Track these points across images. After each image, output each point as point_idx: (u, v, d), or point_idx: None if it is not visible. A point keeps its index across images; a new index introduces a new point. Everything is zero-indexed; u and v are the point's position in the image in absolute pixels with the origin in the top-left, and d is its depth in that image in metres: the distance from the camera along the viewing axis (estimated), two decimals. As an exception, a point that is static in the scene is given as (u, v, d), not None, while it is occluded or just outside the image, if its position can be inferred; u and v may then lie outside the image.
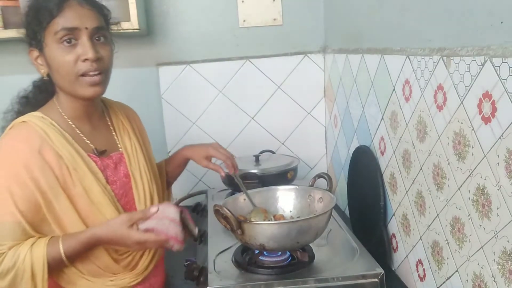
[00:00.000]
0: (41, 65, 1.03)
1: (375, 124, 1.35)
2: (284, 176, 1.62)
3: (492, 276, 0.82)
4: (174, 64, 1.86)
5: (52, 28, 0.97)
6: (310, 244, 1.18)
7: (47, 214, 0.98)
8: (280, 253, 1.15)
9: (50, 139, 1.00)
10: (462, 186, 0.90)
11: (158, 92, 1.87)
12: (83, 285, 1.04)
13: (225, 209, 1.06)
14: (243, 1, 1.83)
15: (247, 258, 1.16)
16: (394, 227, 1.27)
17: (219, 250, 1.22)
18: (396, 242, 1.27)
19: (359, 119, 1.50)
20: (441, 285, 1.03)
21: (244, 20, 1.85)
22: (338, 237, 1.29)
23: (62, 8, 0.97)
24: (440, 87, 0.95)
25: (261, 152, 1.78)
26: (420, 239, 1.11)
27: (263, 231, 1.07)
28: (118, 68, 1.13)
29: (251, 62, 1.88)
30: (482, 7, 0.80)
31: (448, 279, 0.99)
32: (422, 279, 1.12)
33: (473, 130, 0.84)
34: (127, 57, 1.76)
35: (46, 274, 0.95)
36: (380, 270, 1.08)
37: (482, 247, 0.85)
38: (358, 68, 1.47)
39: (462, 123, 0.88)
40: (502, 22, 0.75)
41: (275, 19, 1.86)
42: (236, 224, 1.07)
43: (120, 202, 1.08)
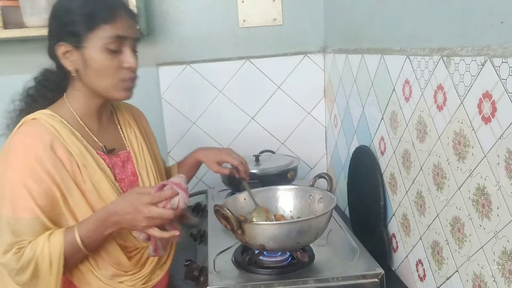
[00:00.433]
0: (71, 61, 1.03)
1: (375, 124, 1.35)
2: (284, 176, 1.63)
3: (492, 276, 0.82)
4: (174, 64, 1.86)
5: (101, 32, 1.00)
6: (310, 244, 1.18)
7: (64, 208, 1.00)
8: (280, 253, 1.15)
9: (61, 136, 1.01)
10: (462, 186, 0.90)
11: (158, 92, 1.87)
12: (97, 285, 1.04)
13: (225, 209, 1.07)
14: (243, 1, 1.83)
15: (247, 258, 1.16)
16: (394, 227, 1.27)
17: (219, 250, 1.22)
18: (396, 242, 1.27)
19: (359, 119, 1.50)
20: (441, 285, 1.03)
21: (244, 20, 1.85)
22: (338, 237, 1.29)
23: (115, 15, 1.02)
24: (440, 87, 0.95)
25: (261, 152, 1.78)
26: (420, 239, 1.11)
27: (263, 231, 1.07)
28: (118, 68, 1.13)
29: (251, 62, 1.88)
30: (482, 7, 0.80)
31: (448, 279, 0.99)
32: (422, 279, 1.12)
33: (473, 130, 0.84)
34: (127, 57, 1.76)
35: (62, 261, 0.96)
36: (380, 270, 1.08)
37: (482, 247, 0.85)
38: (358, 68, 1.47)
39: (462, 123, 0.88)
40: (502, 22, 0.75)
41: (275, 19, 1.86)
42: (236, 224, 1.07)
43: None
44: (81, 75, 1.04)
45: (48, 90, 1.10)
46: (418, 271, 1.15)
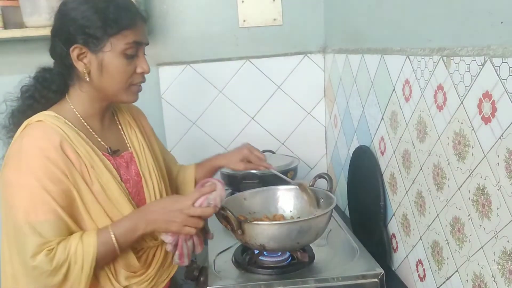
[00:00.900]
0: (84, 63, 1.03)
1: (375, 124, 1.35)
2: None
3: (492, 276, 0.82)
4: (174, 64, 1.86)
5: (121, 38, 1.01)
6: (310, 244, 1.18)
7: (81, 208, 1.00)
8: (280, 253, 1.16)
9: (68, 137, 1.01)
10: (462, 186, 0.90)
11: (158, 92, 1.87)
12: None
13: (225, 209, 1.07)
14: (243, 1, 1.83)
15: (247, 258, 1.16)
16: (394, 227, 1.27)
17: (219, 250, 1.22)
18: (396, 242, 1.27)
19: (359, 119, 1.50)
20: (441, 285, 1.03)
21: (244, 20, 1.85)
22: (338, 237, 1.30)
23: (135, 22, 1.04)
24: (440, 87, 0.95)
25: (261, 152, 1.77)
26: (420, 239, 1.11)
27: (263, 231, 1.07)
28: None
29: (251, 62, 1.88)
30: (482, 7, 0.80)
31: (448, 279, 0.99)
32: (422, 279, 1.12)
33: (473, 130, 0.84)
34: (127, 57, 1.76)
35: (94, 262, 0.96)
36: (380, 270, 1.08)
37: (482, 247, 0.85)
38: (358, 68, 1.47)
39: (462, 123, 0.88)
40: (502, 22, 0.75)
41: (275, 19, 1.86)
42: (237, 224, 1.07)
43: (134, 200, 1.09)
44: (92, 78, 1.03)
45: (50, 91, 1.08)
46: (418, 271, 1.15)
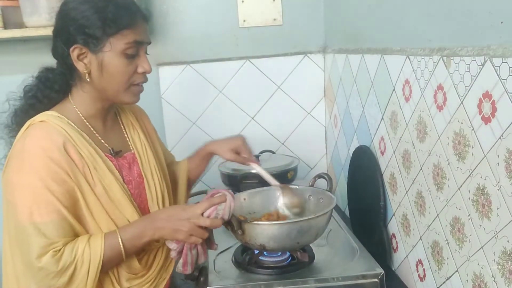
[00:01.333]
0: (84, 64, 1.02)
1: (375, 124, 1.35)
2: (284, 176, 1.62)
3: (492, 276, 0.82)
4: (174, 64, 1.86)
5: (121, 38, 1.00)
6: (310, 244, 1.18)
7: (84, 209, 1.00)
8: (280, 253, 1.15)
9: (71, 138, 1.00)
10: (462, 186, 0.90)
11: (158, 92, 1.87)
12: None
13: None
14: (243, 1, 1.83)
15: (247, 258, 1.16)
16: (394, 227, 1.27)
17: (219, 250, 1.22)
18: (396, 242, 1.27)
19: (359, 119, 1.50)
20: (441, 285, 1.03)
21: (244, 20, 1.85)
22: (338, 237, 1.30)
23: (135, 21, 1.02)
24: (440, 87, 0.95)
25: (261, 152, 1.78)
26: (420, 239, 1.11)
27: (263, 231, 1.07)
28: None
29: (251, 62, 1.88)
30: (482, 7, 0.80)
31: (448, 279, 0.99)
32: (422, 279, 1.12)
33: (473, 130, 0.84)
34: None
35: (100, 266, 0.96)
36: (380, 270, 1.08)
37: (482, 247, 0.85)
38: (358, 68, 1.47)
39: (462, 123, 0.88)
40: (502, 22, 0.75)
41: (275, 19, 1.86)
42: (237, 224, 1.07)
43: (136, 201, 1.09)
44: (92, 78, 1.03)
45: (52, 91, 1.08)
46: (418, 271, 1.15)
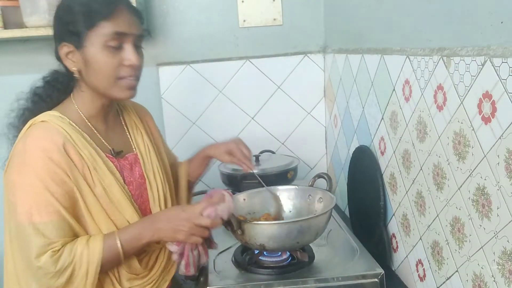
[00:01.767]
0: (73, 61, 1.02)
1: (375, 124, 1.35)
2: (284, 176, 1.62)
3: (492, 276, 0.82)
4: (174, 64, 1.86)
5: (99, 30, 0.98)
6: (310, 244, 1.18)
7: (84, 210, 0.99)
8: (280, 253, 1.15)
9: (72, 139, 1.00)
10: (462, 186, 0.90)
11: (158, 92, 1.87)
12: None
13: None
14: (243, 1, 1.83)
15: (247, 258, 1.16)
16: (394, 227, 1.27)
17: (219, 250, 1.22)
18: (396, 242, 1.27)
19: (359, 119, 1.50)
20: (441, 285, 1.03)
21: (244, 20, 1.85)
22: (338, 237, 1.30)
23: (113, 12, 0.99)
24: (440, 87, 0.95)
25: (261, 152, 1.78)
26: (420, 239, 1.11)
27: (263, 231, 1.07)
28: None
29: (251, 62, 1.88)
30: (482, 7, 0.80)
31: (448, 279, 0.99)
32: (422, 279, 1.12)
33: (473, 130, 0.84)
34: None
35: (99, 268, 0.96)
36: (380, 270, 1.08)
37: (482, 247, 0.85)
38: (358, 68, 1.47)
39: (462, 123, 0.88)
40: (502, 22, 0.75)
41: (275, 19, 1.86)
42: (236, 224, 1.07)
43: (137, 202, 1.09)
44: (83, 76, 1.03)
45: (55, 90, 1.09)
46: (418, 271, 1.15)
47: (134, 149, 1.16)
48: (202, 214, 1.00)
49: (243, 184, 1.55)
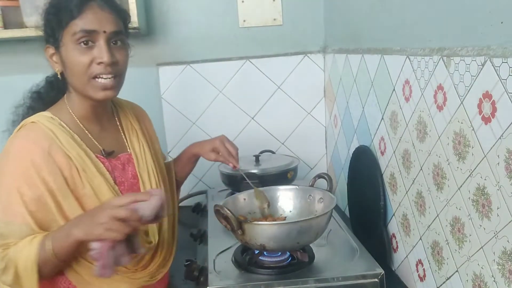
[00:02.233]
0: (56, 63, 1.04)
1: (375, 124, 1.35)
2: (284, 176, 1.62)
3: (492, 276, 0.82)
4: (174, 64, 1.86)
5: (71, 29, 0.99)
6: (310, 244, 1.18)
7: (57, 215, 0.98)
8: (280, 253, 1.15)
9: (59, 140, 1.00)
10: (462, 186, 0.90)
11: (158, 92, 1.87)
12: (99, 285, 1.02)
13: (225, 209, 1.06)
14: (243, 1, 1.83)
15: (247, 258, 1.16)
16: (394, 227, 1.27)
17: (219, 250, 1.22)
18: (396, 242, 1.27)
19: (359, 119, 1.50)
20: (441, 285, 1.03)
21: (244, 20, 1.85)
22: (338, 237, 1.29)
23: (82, 10, 0.98)
24: (440, 87, 0.95)
25: (261, 152, 1.78)
26: (420, 239, 1.12)
27: (263, 232, 1.07)
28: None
29: (251, 62, 1.88)
30: (482, 7, 0.80)
31: (448, 279, 0.99)
32: (422, 279, 1.12)
33: (473, 130, 0.84)
34: (127, 57, 1.77)
35: (36, 266, 0.92)
36: (380, 270, 1.08)
37: (482, 247, 0.85)
38: (358, 68, 1.47)
39: (462, 123, 0.88)
40: (502, 22, 0.75)
41: (275, 19, 1.86)
42: (237, 224, 1.07)
43: None
44: (64, 76, 1.04)
45: (53, 89, 1.10)
46: (418, 271, 1.15)
47: (128, 149, 1.15)
48: (120, 206, 0.90)
49: (243, 184, 1.55)
